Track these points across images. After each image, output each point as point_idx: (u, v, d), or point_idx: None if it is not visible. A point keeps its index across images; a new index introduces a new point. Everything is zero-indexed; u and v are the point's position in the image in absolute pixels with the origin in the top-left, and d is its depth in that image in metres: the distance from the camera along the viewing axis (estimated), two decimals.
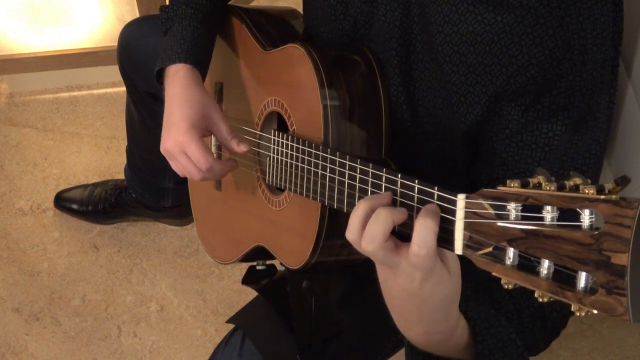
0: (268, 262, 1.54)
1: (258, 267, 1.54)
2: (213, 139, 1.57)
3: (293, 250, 1.33)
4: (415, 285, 0.89)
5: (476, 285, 1.13)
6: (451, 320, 0.97)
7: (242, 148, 1.36)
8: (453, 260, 0.91)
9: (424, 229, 0.86)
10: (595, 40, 1.09)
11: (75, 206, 2.43)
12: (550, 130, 1.12)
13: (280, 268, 1.50)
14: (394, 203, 0.97)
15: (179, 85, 1.38)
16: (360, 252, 0.94)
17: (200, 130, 1.35)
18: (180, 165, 1.36)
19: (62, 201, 2.46)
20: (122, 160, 2.33)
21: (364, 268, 1.26)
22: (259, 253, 1.49)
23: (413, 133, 1.28)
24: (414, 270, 0.88)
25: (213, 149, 1.58)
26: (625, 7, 1.14)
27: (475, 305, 1.06)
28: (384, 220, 0.89)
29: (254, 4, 2.71)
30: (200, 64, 1.43)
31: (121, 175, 2.41)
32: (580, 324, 2.17)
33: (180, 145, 1.33)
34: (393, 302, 0.97)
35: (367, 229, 0.90)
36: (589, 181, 0.71)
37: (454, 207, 0.85)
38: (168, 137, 1.35)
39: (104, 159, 2.62)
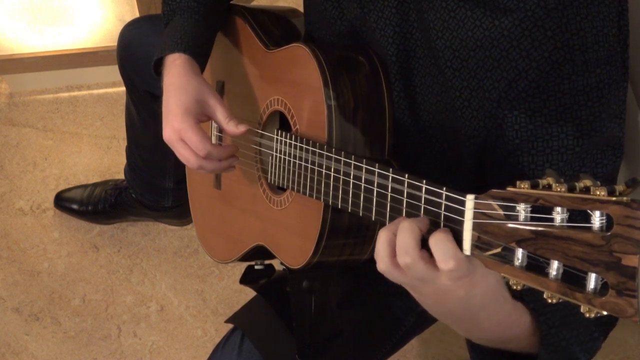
0: (266, 262, 1.54)
1: (256, 267, 1.54)
2: (214, 127, 1.57)
3: (294, 249, 1.33)
4: (463, 293, 0.90)
5: None
6: (508, 300, 0.98)
7: (241, 129, 1.33)
8: None
9: (441, 243, 0.86)
10: (595, 38, 1.08)
11: (75, 206, 2.43)
12: (562, 132, 1.10)
13: (278, 268, 1.50)
14: (400, 203, 0.97)
15: (175, 74, 1.38)
16: (397, 282, 0.94)
17: (195, 115, 1.34)
18: (178, 153, 1.35)
19: (62, 201, 2.46)
20: (122, 160, 2.33)
21: (365, 268, 1.26)
22: (258, 252, 1.48)
23: (415, 137, 1.27)
24: (456, 281, 0.88)
25: (213, 139, 1.57)
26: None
27: (529, 291, 1.05)
28: (410, 228, 0.90)
29: (254, 3, 2.71)
30: (198, 55, 1.43)
31: (121, 175, 2.41)
32: None
33: (177, 132, 1.32)
34: (451, 318, 0.98)
35: (398, 242, 0.90)
36: (599, 183, 0.71)
37: (462, 208, 0.85)
38: (165, 125, 1.35)
39: (104, 159, 2.62)
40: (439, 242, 0.86)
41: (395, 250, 0.91)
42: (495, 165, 1.19)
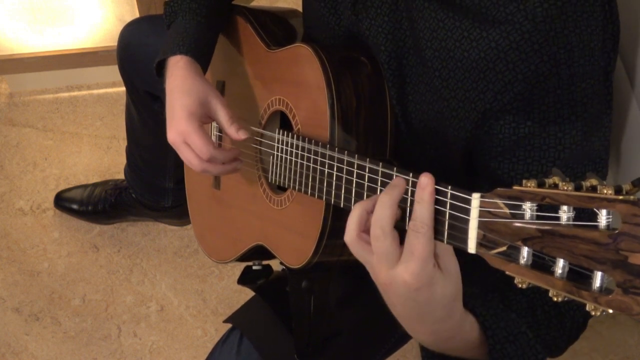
0: (264, 262, 1.54)
1: (254, 267, 1.54)
2: (214, 126, 1.57)
3: (294, 249, 1.33)
4: (407, 287, 0.91)
5: (486, 286, 1.14)
6: (455, 317, 0.99)
7: (241, 135, 1.34)
8: (449, 261, 0.92)
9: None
10: (582, 52, 1.08)
11: (75, 206, 2.43)
12: (544, 144, 1.12)
13: (277, 268, 1.50)
14: (404, 202, 0.97)
15: (178, 76, 1.38)
16: (357, 255, 0.96)
17: (199, 118, 1.35)
18: (183, 156, 1.36)
19: (62, 201, 2.46)
20: (122, 160, 2.33)
21: (364, 269, 1.26)
22: (257, 252, 1.49)
23: (410, 143, 1.28)
24: (414, 281, 0.90)
25: (213, 138, 1.58)
26: (622, 10, 1.14)
27: (484, 302, 1.07)
28: (390, 205, 0.93)
29: (254, 3, 2.72)
30: (200, 57, 1.43)
31: (121, 175, 2.41)
32: None
33: (181, 134, 1.33)
34: (396, 310, 0.98)
35: (375, 215, 0.92)
36: (605, 182, 0.71)
37: (468, 206, 0.85)
38: (170, 128, 1.35)
39: (104, 159, 2.62)
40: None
41: (364, 225, 0.94)
42: (480, 172, 1.20)
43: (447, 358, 1.07)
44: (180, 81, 1.37)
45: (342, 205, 1.15)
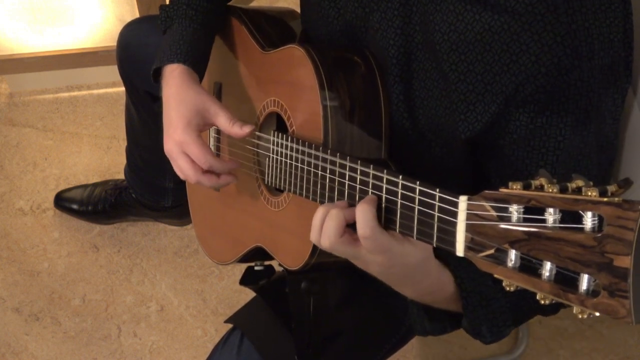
0: (266, 263, 1.54)
1: (256, 268, 1.53)
2: (211, 139, 1.57)
3: (292, 251, 1.32)
4: (383, 266, 1.03)
5: None
6: (432, 275, 1.12)
7: (246, 129, 1.32)
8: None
9: (362, 213, 0.98)
10: (602, 45, 1.08)
11: (75, 206, 2.43)
12: (560, 134, 1.11)
13: (278, 269, 1.49)
14: (394, 204, 0.97)
15: (174, 85, 1.38)
16: (347, 253, 1.06)
17: (197, 127, 1.34)
18: (177, 166, 1.35)
19: (62, 201, 2.46)
20: (122, 160, 2.33)
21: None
22: (258, 254, 1.48)
23: (414, 140, 1.27)
24: (374, 255, 1.01)
25: (212, 141, 1.58)
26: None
27: (467, 265, 1.12)
28: (335, 217, 1.01)
29: (253, 4, 2.71)
30: (197, 64, 1.43)
31: (121, 175, 2.41)
32: (580, 324, 2.17)
33: (179, 145, 1.32)
34: (380, 278, 1.10)
35: (324, 228, 1.02)
36: (591, 183, 0.71)
37: (455, 209, 0.85)
38: (167, 138, 1.35)
39: (104, 159, 2.62)
40: (362, 213, 0.99)
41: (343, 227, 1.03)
42: (493, 156, 1.20)
43: (430, 308, 1.20)
44: (176, 90, 1.37)
45: None
